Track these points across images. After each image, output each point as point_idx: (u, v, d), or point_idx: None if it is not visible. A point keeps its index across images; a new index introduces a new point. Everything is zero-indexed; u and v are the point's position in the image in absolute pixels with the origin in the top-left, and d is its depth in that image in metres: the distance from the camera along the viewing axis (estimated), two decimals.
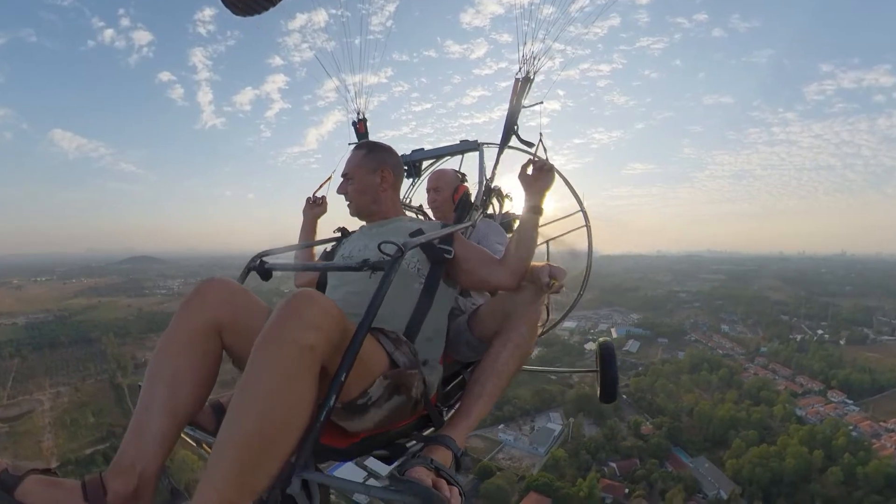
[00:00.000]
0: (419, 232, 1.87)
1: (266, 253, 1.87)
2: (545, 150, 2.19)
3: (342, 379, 1.13)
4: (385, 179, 2.03)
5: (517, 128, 2.84)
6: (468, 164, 3.35)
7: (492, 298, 2.17)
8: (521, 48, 2.65)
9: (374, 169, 2.01)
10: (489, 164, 3.02)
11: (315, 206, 2.69)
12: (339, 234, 2.23)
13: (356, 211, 2.06)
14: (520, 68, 2.71)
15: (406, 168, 3.26)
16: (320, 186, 2.72)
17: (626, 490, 33.04)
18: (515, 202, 3.32)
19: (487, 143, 3.25)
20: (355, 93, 3.28)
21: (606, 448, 38.00)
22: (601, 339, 3.06)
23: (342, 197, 2.11)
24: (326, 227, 2.66)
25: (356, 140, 3.28)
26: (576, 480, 32.54)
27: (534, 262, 1.89)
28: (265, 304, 1.45)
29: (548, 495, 31.01)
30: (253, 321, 1.37)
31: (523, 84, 2.73)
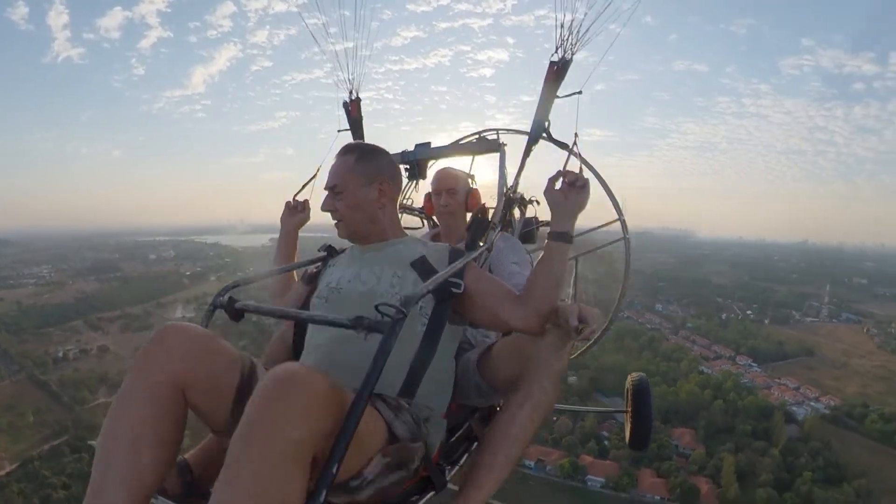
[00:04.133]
0: (422, 262, 1.74)
1: (236, 284, 1.76)
2: (580, 155, 1.97)
3: (334, 471, 1.07)
4: (384, 193, 1.84)
5: (549, 125, 2.54)
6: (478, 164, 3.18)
7: (507, 338, 1.93)
8: (558, 20, 2.22)
9: (369, 181, 1.80)
10: (510, 168, 2.70)
11: (296, 213, 2.46)
12: (324, 254, 2.06)
13: (348, 233, 1.88)
14: (556, 48, 2.30)
15: (408, 167, 3.05)
16: (302, 187, 2.49)
17: (555, 418, 40.95)
18: (542, 205, 3.06)
19: (510, 131, 3.18)
20: (347, 62, 2.79)
21: None
22: (633, 376, 2.77)
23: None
24: (307, 245, 2.41)
25: (347, 126, 2.99)
26: None
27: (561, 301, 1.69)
28: (235, 351, 1.40)
29: None
30: (222, 376, 1.34)
31: (560, 69, 2.34)
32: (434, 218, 3.22)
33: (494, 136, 3.00)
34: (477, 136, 3.52)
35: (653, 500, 37.27)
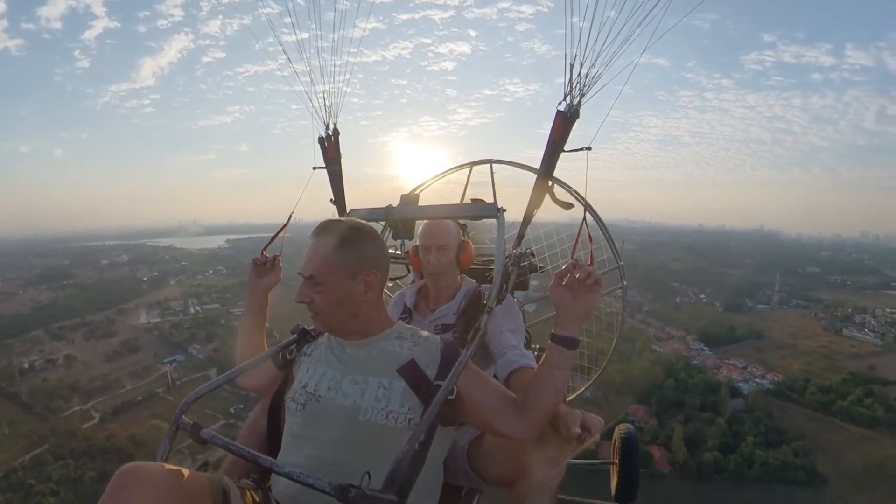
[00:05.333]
0: (411, 368, 1.62)
1: (198, 396, 1.61)
2: (590, 237, 1.71)
3: None
4: (370, 287, 1.67)
5: (553, 185, 2.46)
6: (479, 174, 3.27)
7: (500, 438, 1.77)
8: (568, 69, 2.12)
9: (354, 272, 1.64)
10: (509, 228, 2.58)
11: (264, 272, 2.15)
12: (295, 337, 1.88)
13: (327, 327, 1.73)
14: (565, 96, 2.19)
15: (392, 228, 2.89)
16: (272, 240, 2.20)
17: None
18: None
19: (508, 163, 3.19)
20: (324, 95, 2.72)
21: None
22: (622, 427, 2.69)
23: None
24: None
25: (322, 164, 2.90)
26: None
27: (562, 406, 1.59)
28: (203, 481, 1.34)
29: None
30: None
31: (568, 120, 2.22)
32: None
33: (493, 203, 2.66)
34: (471, 200, 3.23)
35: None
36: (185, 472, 1.31)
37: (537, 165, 2.51)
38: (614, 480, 2.60)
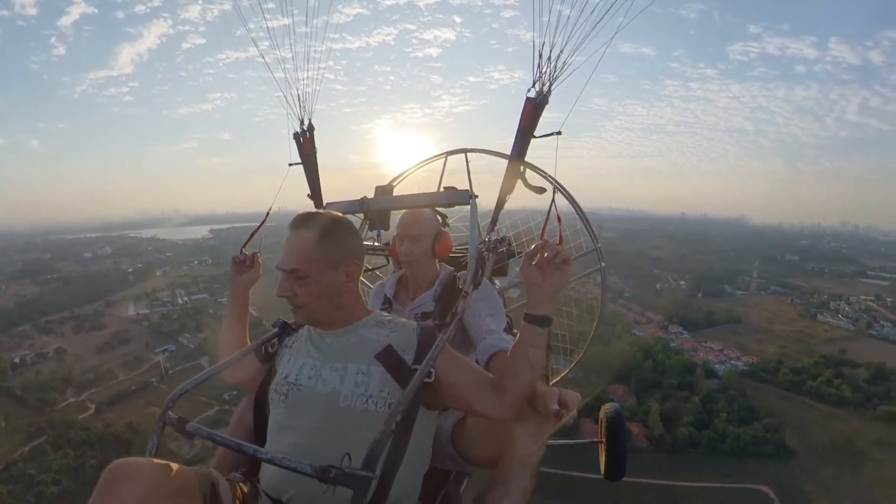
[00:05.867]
0: (388, 353, 1.68)
1: (183, 392, 1.68)
2: (559, 218, 1.77)
3: None
4: (351, 277, 1.76)
5: (524, 170, 2.57)
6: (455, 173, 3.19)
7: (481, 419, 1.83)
8: (536, 56, 2.18)
9: (336, 263, 1.70)
10: (482, 214, 2.66)
11: (244, 269, 2.23)
12: (278, 331, 1.97)
13: (310, 320, 1.81)
14: (534, 83, 2.28)
15: (368, 219, 2.95)
16: (251, 236, 2.25)
17: None
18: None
19: (483, 151, 3.24)
20: (297, 90, 2.78)
21: None
22: (608, 407, 2.69)
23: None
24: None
25: (298, 160, 2.98)
26: None
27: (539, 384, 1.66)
28: (191, 475, 1.40)
29: None
30: None
31: (538, 106, 2.33)
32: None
33: (465, 189, 2.71)
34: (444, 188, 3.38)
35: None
36: (174, 466, 1.36)
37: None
38: (603, 460, 2.57)
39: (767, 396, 51.94)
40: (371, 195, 2.99)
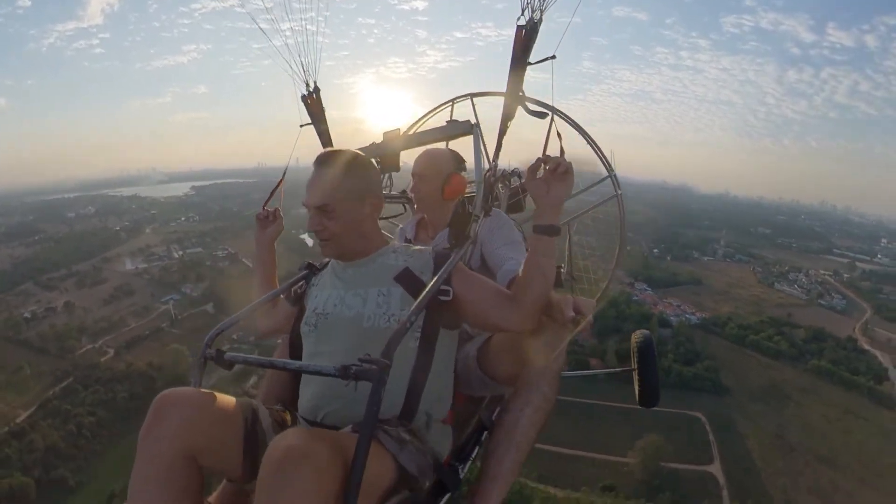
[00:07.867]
0: (406, 275, 1.81)
1: (220, 331, 1.80)
2: (559, 135, 1.87)
3: None
4: (375, 207, 1.89)
5: (523, 94, 2.57)
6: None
7: (504, 333, 1.98)
8: None
9: (361, 195, 1.83)
10: (489, 144, 2.68)
11: (268, 224, 2.38)
12: (305, 272, 2.11)
13: (338, 253, 1.92)
14: (522, 10, 2.30)
15: (378, 161, 2.96)
16: (271, 195, 2.44)
17: None
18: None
19: (487, 94, 3.15)
20: (299, 49, 2.82)
21: None
22: (637, 335, 2.71)
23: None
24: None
25: (308, 120, 3.11)
26: None
27: (554, 293, 1.73)
28: (234, 401, 1.55)
29: None
30: (228, 433, 1.49)
31: (529, 33, 2.35)
32: None
33: (466, 119, 2.65)
34: (449, 107, 3.59)
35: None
36: (218, 395, 1.54)
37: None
38: (637, 387, 2.57)
39: (713, 345, 60.83)
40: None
